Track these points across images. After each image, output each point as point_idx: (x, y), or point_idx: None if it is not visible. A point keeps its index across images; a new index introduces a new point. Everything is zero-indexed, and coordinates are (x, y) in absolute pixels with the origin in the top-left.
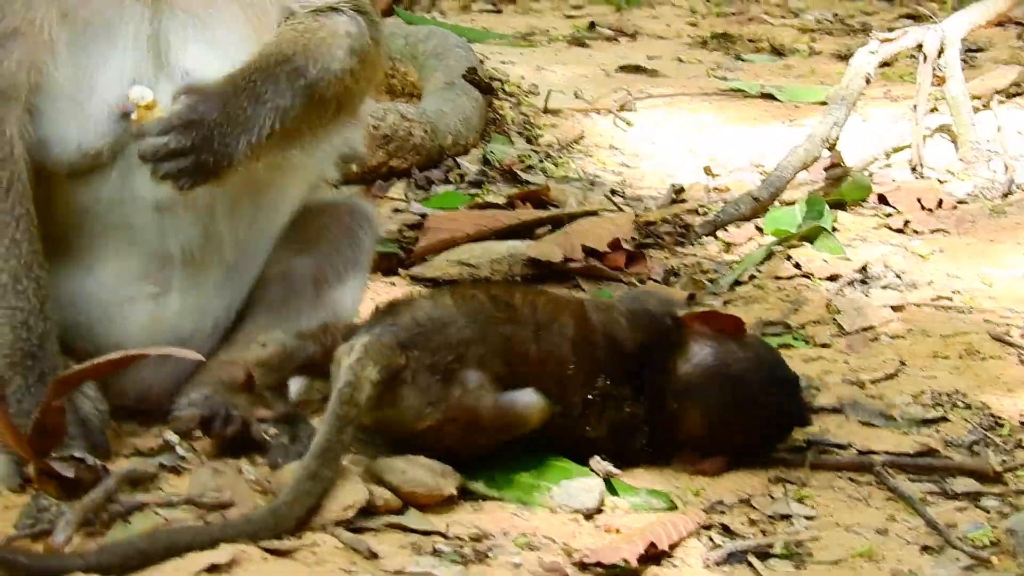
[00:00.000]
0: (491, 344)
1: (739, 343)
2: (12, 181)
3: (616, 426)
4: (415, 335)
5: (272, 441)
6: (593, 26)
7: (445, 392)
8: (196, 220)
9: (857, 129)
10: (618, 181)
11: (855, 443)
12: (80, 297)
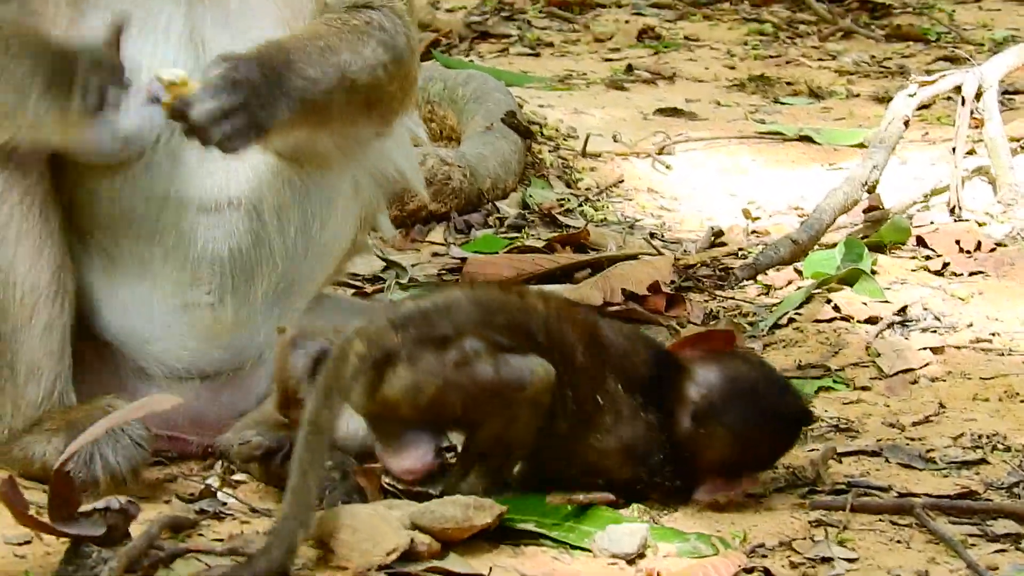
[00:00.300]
0: (495, 321)
1: (735, 356)
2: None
3: (630, 445)
4: (412, 317)
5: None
6: (631, 69)
7: (440, 360)
8: (242, 220)
9: (895, 172)
10: (657, 224)
11: (895, 486)
12: (134, 304)
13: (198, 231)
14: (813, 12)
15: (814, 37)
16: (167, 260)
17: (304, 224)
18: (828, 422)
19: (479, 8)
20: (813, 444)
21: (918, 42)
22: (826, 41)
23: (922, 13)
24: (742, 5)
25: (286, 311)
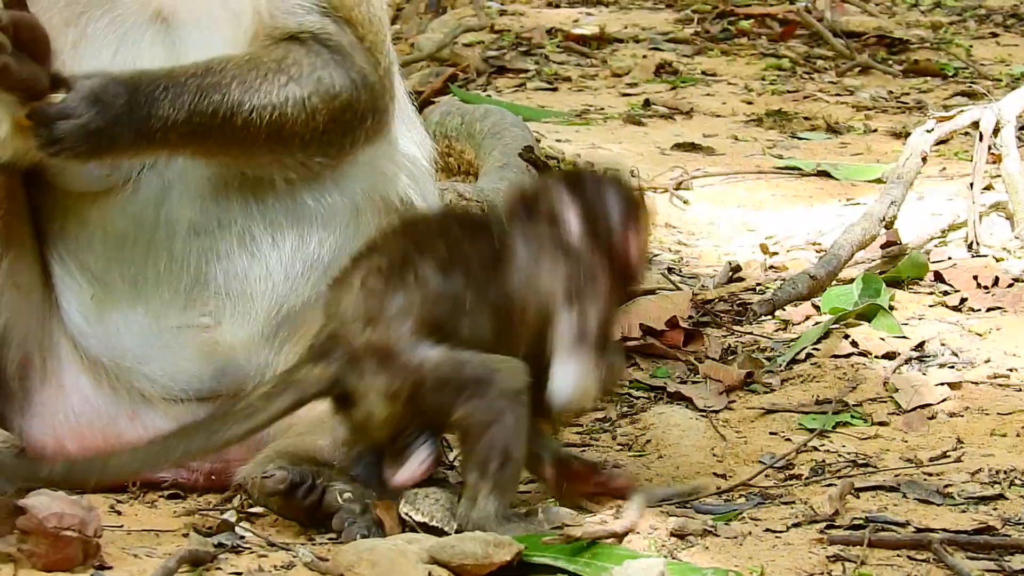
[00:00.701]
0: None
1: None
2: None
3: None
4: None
5: (344, 506)
6: (648, 104)
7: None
8: (236, 243)
9: (913, 207)
10: (675, 259)
11: (913, 521)
12: (127, 326)
13: (191, 254)
14: (830, 47)
15: (832, 72)
16: (160, 283)
17: (301, 246)
18: (846, 457)
19: (497, 43)
20: (831, 479)
21: (935, 77)
22: (844, 76)
23: (940, 48)
24: (759, 40)
25: (292, 335)
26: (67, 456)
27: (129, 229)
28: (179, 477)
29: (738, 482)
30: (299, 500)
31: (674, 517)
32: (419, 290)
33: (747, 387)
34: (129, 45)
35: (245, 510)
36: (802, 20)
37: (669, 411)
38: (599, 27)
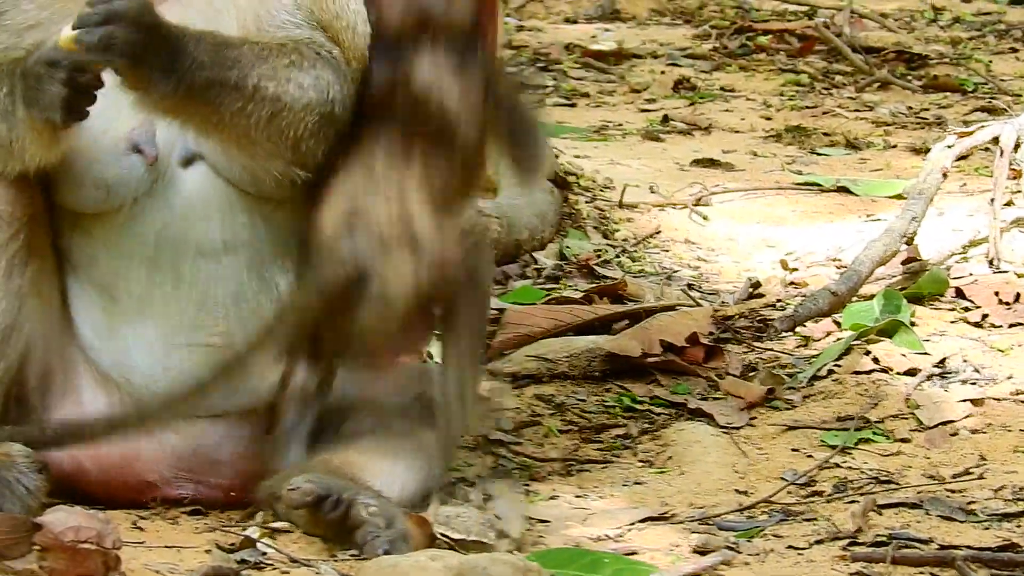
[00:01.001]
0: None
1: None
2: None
3: None
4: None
5: (369, 520)
6: (667, 120)
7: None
8: (245, 265)
9: (933, 223)
10: (695, 275)
11: (936, 538)
12: (136, 342)
13: (199, 276)
14: (849, 63)
15: (851, 88)
16: (168, 302)
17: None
18: (868, 474)
19: (514, 59)
20: (853, 496)
21: (955, 93)
22: (863, 92)
23: (959, 64)
24: (778, 56)
25: None
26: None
27: (134, 248)
28: (199, 493)
29: (760, 499)
30: (325, 513)
31: (696, 534)
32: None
33: (768, 404)
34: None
35: (267, 526)
36: (821, 36)
37: (690, 428)
38: (617, 43)
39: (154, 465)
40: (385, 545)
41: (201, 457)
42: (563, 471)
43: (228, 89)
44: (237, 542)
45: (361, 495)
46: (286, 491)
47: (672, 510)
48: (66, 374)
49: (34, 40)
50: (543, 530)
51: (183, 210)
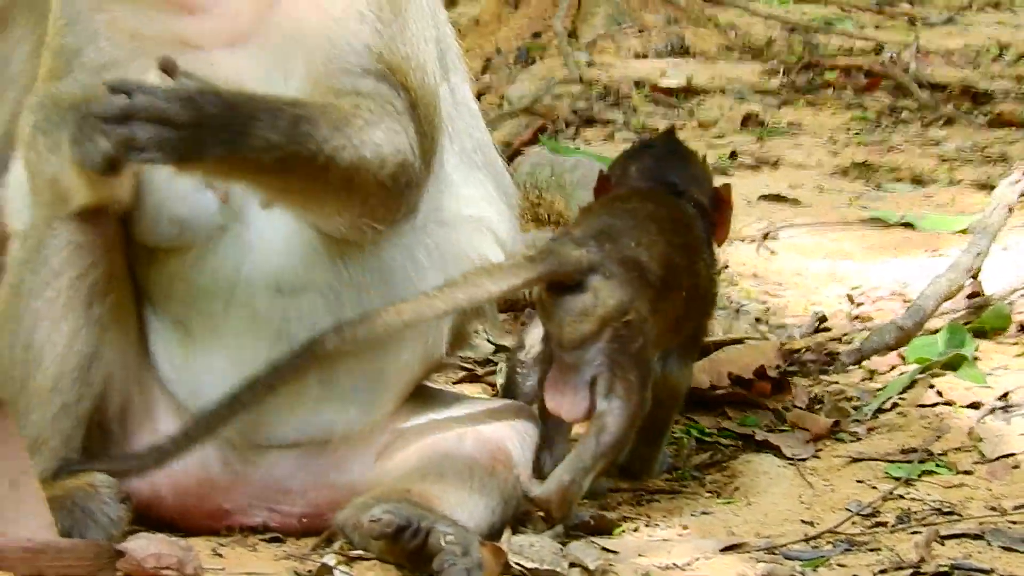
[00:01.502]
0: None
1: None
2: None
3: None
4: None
5: (446, 548)
6: (735, 155)
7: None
8: (319, 303)
9: (997, 258)
10: (762, 309)
11: (998, 568)
12: (209, 374)
13: (274, 313)
14: (915, 99)
15: (916, 124)
16: (242, 336)
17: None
18: (931, 505)
19: (585, 94)
20: (916, 527)
21: (1020, 128)
22: (928, 128)
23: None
24: (844, 92)
25: (380, 392)
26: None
27: (208, 284)
28: (273, 520)
29: (825, 529)
30: (405, 543)
31: (763, 563)
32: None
33: (834, 436)
34: None
35: (344, 553)
36: (887, 72)
37: (757, 459)
38: (686, 79)
39: (230, 493)
40: (462, 573)
41: (274, 486)
42: (633, 501)
43: (299, 166)
44: (314, 569)
45: (439, 524)
46: (367, 522)
47: (739, 540)
48: (144, 403)
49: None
50: (614, 559)
51: (260, 249)
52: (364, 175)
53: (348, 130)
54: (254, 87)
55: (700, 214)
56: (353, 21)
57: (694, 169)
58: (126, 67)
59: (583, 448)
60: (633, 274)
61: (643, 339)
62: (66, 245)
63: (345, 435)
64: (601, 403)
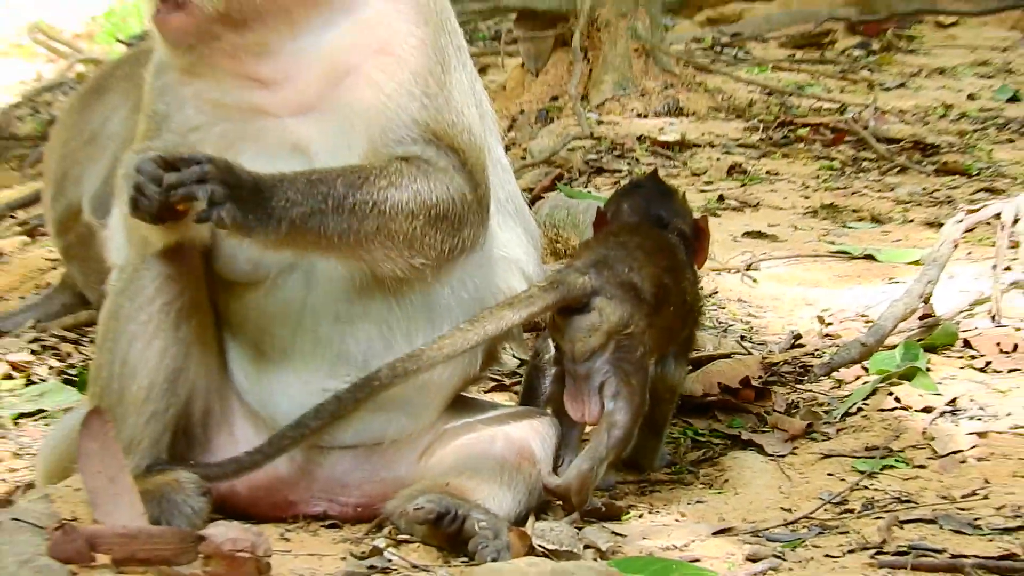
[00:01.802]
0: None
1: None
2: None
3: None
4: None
5: (479, 534)
6: (722, 198)
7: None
8: (373, 330)
9: (945, 285)
10: (746, 329)
11: (949, 548)
12: (280, 386)
13: (334, 339)
14: (874, 151)
15: (875, 172)
16: (307, 357)
17: (431, 334)
18: (891, 495)
19: (595, 148)
20: (879, 513)
21: (962, 176)
22: (885, 175)
23: (965, 151)
24: (814, 145)
25: (424, 403)
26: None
27: (278, 312)
28: (331, 510)
29: (801, 515)
30: (444, 528)
31: (749, 544)
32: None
33: (808, 436)
34: (272, 171)
35: (393, 537)
36: (850, 128)
37: (743, 456)
38: (681, 134)
39: (295, 487)
40: (493, 553)
41: (334, 481)
42: (637, 492)
43: (327, 221)
44: (367, 551)
45: (473, 512)
46: (413, 510)
47: (728, 524)
48: (223, 411)
49: (196, 139)
50: (621, 541)
51: (323, 284)
52: (393, 225)
53: (367, 187)
54: (320, 152)
55: (683, 241)
56: (403, 98)
57: (676, 204)
58: (208, 131)
59: (597, 442)
60: (630, 294)
61: (642, 348)
62: (157, 276)
63: (394, 438)
64: (609, 404)
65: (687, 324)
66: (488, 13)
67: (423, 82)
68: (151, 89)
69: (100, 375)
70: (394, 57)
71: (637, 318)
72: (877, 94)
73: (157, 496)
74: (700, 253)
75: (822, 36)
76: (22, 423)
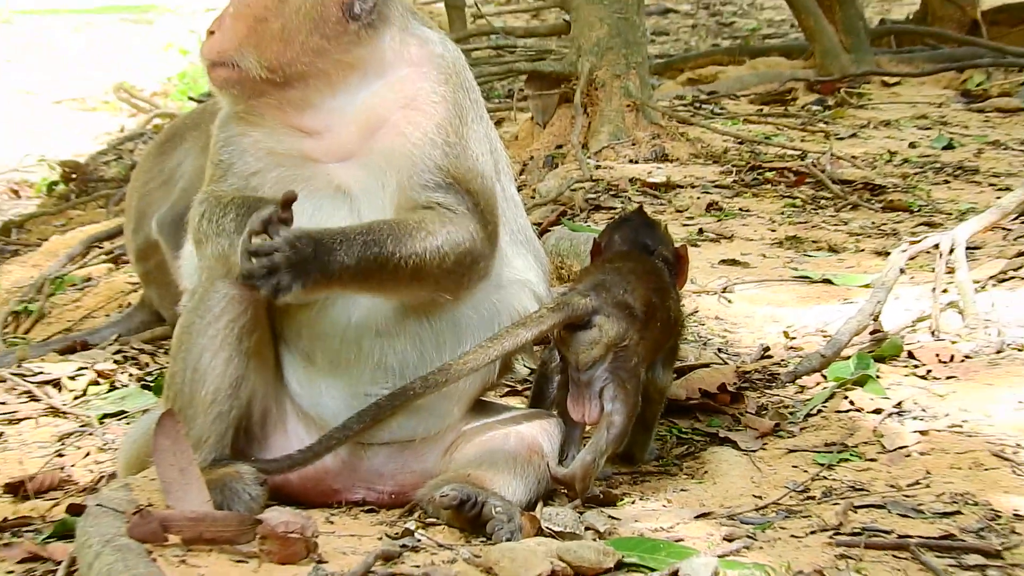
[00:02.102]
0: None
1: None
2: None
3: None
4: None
5: (496, 517)
6: (701, 231)
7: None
8: (408, 344)
9: (892, 305)
10: (723, 342)
11: (896, 530)
12: (328, 391)
13: (375, 350)
14: (830, 191)
15: (831, 208)
16: (351, 365)
17: (457, 347)
18: (846, 484)
19: (594, 188)
20: (836, 500)
21: (905, 212)
22: (840, 212)
23: (908, 191)
24: (779, 186)
25: (449, 407)
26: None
27: (327, 328)
28: (369, 497)
29: (770, 501)
30: (466, 512)
31: (725, 527)
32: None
33: (776, 434)
34: (321, 210)
35: (422, 520)
36: (810, 172)
37: (720, 451)
38: (666, 177)
39: (339, 477)
40: (507, 534)
41: (372, 472)
42: (631, 482)
43: (374, 275)
44: (400, 532)
45: (491, 499)
46: (439, 497)
47: (708, 510)
48: (278, 412)
49: (256, 183)
50: (617, 524)
51: (365, 305)
52: (428, 269)
53: (410, 241)
54: (359, 193)
55: (667, 266)
56: (427, 146)
57: (660, 234)
58: (265, 175)
59: (597, 438)
60: (625, 312)
61: (636, 358)
62: (224, 298)
63: (424, 436)
64: (608, 406)
65: (672, 336)
66: (503, 75)
67: (444, 132)
68: (217, 140)
69: (174, 381)
70: (420, 111)
71: (631, 333)
72: (832, 143)
73: (220, 485)
74: (681, 276)
75: (785, 94)
76: (106, 422)
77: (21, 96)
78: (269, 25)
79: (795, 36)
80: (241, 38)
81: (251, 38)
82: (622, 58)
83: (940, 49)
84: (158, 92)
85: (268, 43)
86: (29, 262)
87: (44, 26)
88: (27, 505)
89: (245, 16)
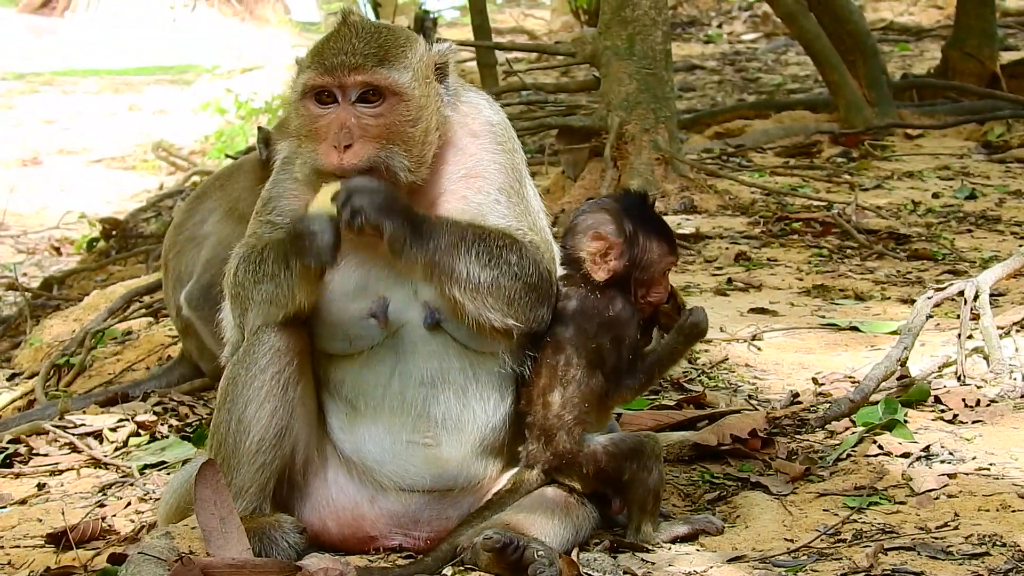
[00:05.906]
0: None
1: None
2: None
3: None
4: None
5: (538, 560)
6: (730, 281)
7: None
8: (451, 395)
9: (919, 351)
10: (753, 389)
11: (926, 571)
12: (371, 438)
13: (418, 400)
14: (856, 241)
15: (857, 258)
16: (393, 413)
17: (501, 400)
18: (876, 527)
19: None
20: (867, 542)
21: (930, 260)
22: (866, 261)
23: (932, 240)
24: (806, 236)
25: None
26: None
27: (371, 378)
28: (406, 543)
29: (801, 544)
30: (507, 555)
31: (758, 570)
32: (578, 390)
33: (806, 478)
34: (369, 274)
35: (458, 566)
36: (836, 222)
37: (752, 495)
38: (696, 228)
39: (376, 524)
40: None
41: (408, 518)
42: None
43: (460, 261)
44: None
45: (532, 543)
46: (481, 539)
47: (740, 553)
48: (319, 460)
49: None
50: (652, 568)
51: (409, 355)
52: (504, 279)
53: (492, 245)
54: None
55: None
56: (491, 205)
57: None
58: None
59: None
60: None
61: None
62: (269, 350)
63: (463, 487)
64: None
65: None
66: (534, 130)
67: (504, 194)
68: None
69: (218, 431)
70: (480, 178)
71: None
72: (857, 193)
73: (260, 533)
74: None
75: (811, 146)
76: (147, 473)
77: (62, 156)
78: (413, 130)
79: (819, 90)
80: (384, 143)
81: (397, 144)
82: (651, 113)
83: (961, 102)
84: (196, 151)
85: (412, 145)
86: (71, 316)
87: (84, 87)
88: (69, 555)
89: (381, 126)
